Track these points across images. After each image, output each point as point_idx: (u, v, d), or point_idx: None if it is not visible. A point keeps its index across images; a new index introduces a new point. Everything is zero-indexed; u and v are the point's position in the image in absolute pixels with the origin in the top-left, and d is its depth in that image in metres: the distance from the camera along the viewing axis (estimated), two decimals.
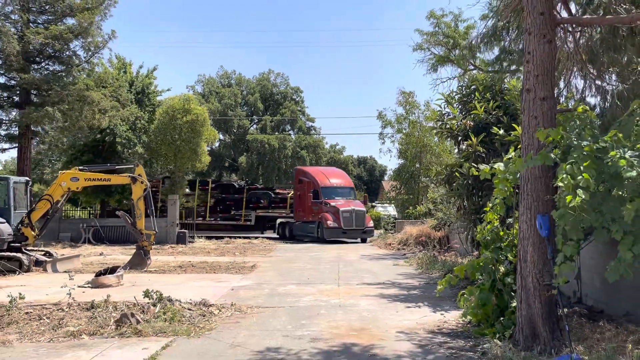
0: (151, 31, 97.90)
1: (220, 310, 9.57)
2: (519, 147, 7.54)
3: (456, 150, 12.24)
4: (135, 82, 27.85)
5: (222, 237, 29.60)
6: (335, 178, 29.64)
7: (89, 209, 32.81)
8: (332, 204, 27.18)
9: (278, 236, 32.05)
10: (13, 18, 22.01)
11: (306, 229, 28.83)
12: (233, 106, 45.68)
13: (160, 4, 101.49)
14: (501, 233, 8.29)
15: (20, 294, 9.33)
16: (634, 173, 5.66)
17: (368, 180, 68.87)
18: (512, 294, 7.69)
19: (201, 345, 7.43)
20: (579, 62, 8.04)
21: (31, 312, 9.22)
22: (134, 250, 22.77)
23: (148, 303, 9.58)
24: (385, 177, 63.71)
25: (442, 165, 12.79)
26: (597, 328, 7.49)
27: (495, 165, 7.66)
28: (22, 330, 8.21)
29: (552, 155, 6.30)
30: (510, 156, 7.68)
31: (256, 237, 29.92)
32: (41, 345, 7.49)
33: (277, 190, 34.15)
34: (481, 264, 7.98)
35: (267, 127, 46.29)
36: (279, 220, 32.26)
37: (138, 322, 8.49)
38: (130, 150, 26.24)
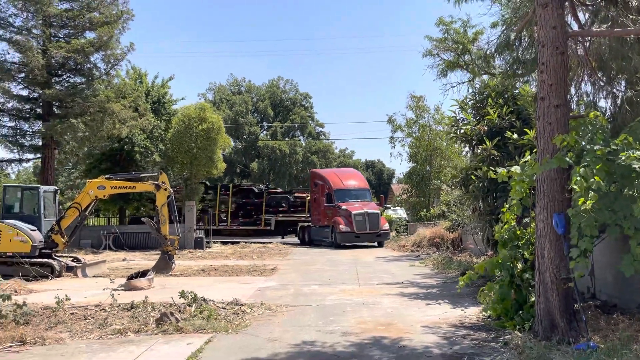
0: (161, 40, 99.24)
1: (251, 309, 10.13)
2: (534, 150, 8.06)
3: (470, 154, 12.75)
4: (151, 92, 28.59)
5: (237, 242, 30.17)
6: (350, 180, 28.65)
7: (108, 215, 33.50)
8: (344, 207, 26.21)
9: (299, 241, 31.46)
10: (35, 32, 22.78)
11: (322, 233, 28.12)
12: (244, 113, 46.43)
13: (170, 14, 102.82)
14: (518, 232, 8.80)
15: (66, 295, 9.92)
16: None
17: (376, 183, 69.40)
18: (530, 289, 8.21)
19: (240, 340, 7.99)
20: (589, 69, 8.55)
21: (76, 313, 9.83)
22: (155, 255, 23.67)
23: (184, 303, 10.17)
24: (394, 181, 64.19)
25: (457, 169, 13.30)
26: (611, 320, 7.99)
27: (512, 169, 8.19)
28: (72, 329, 8.80)
29: (567, 159, 6.81)
30: (526, 160, 8.20)
31: (270, 242, 30.03)
32: (92, 342, 8.08)
33: (296, 194, 33.69)
34: (500, 261, 8.49)
35: (278, 133, 46.97)
36: (300, 225, 31.45)
37: (177, 320, 9.06)
38: (148, 159, 26.93)
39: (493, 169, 9.63)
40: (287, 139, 46.54)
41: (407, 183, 32.43)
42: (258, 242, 30.05)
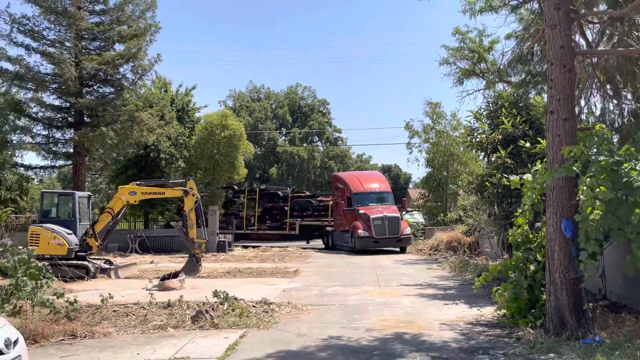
0: (182, 49, 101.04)
1: (279, 308, 10.83)
2: (545, 160, 8.64)
3: (485, 161, 13.32)
4: (175, 100, 29.57)
5: (258, 246, 30.89)
6: (370, 182, 27.50)
7: (131, 220, 34.49)
8: (362, 211, 25.09)
9: (324, 245, 30.63)
10: (68, 45, 23.88)
11: (343, 238, 27.11)
12: (263, 119, 47.38)
13: (190, 23, 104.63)
14: (530, 236, 9.37)
15: (110, 294, 10.70)
16: None
17: (393, 188, 69.72)
18: (542, 288, 8.77)
19: (272, 335, 8.69)
20: (597, 83, 9.12)
21: (118, 310, 10.64)
22: (180, 258, 24.57)
23: (216, 302, 10.91)
24: (410, 185, 64.49)
25: (473, 175, 13.87)
26: (619, 319, 8.54)
27: (524, 176, 8.80)
28: (116, 324, 9.60)
29: (574, 168, 7.40)
30: (537, 168, 8.80)
31: (291, 247, 30.20)
32: (137, 336, 8.85)
33: (320, 198, 32.97)
34: (513, 263, 9.07)
35: (296, 139, 47.81)
36: (326, 229, 30.45)
37: (212, 317, 9.79)
38: (172, 165, 27.89)
39: (506, 176, 10.22)
40: (305, 144, 47.35)
41: (424, 188, 32.92)
42: (280, 247, 30.51)
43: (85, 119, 24.58)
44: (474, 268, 15.52)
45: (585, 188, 6.97)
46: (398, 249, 25.11)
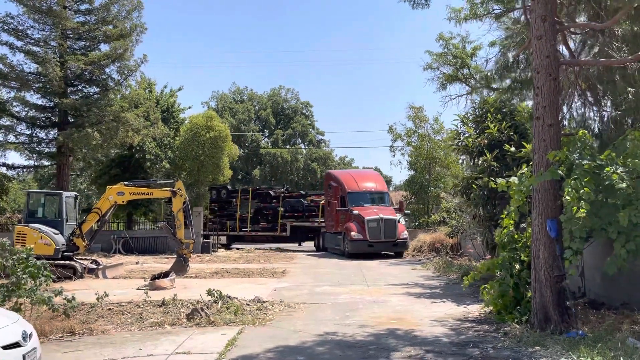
0: (164, 51, 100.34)
1: (272, 306, 11.09)
2: (530, 163, 9.07)
3: (470, 164, 13.77)
4: (160, 101, 29.58)
5: (241, 248, 30.78)
6: (366, 181, 25.70)
7: (118, 220, 34.29)
8: (356, 211, 23.29)
9: (315, 248, 29.47)
10: (53, 45, 23.77)
11: (335, 240, 25.37)
12: (246, 121, 47.48)
13: (173, 24, 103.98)
14: (515, 236, 9.79)
15: (105, 292, 10.82)
16: (624, 185, 7.21)
17: None
18: (527, 286, 9.19)
19: (268, 331, 8.94)
20: (579, 91, 9.60)
21: (113, 309, 10.78)
22: (165, 259, 24.59)
23: (210, 300, 11.12)
24: (391, 188, 65.09)
25: (458, 178, 14.31)
26: (599, 315, 9.01)
27: (511, 179, 9.21)
28: (113, 322, 9.75)
29: (559, 172, 7.83)
30: (523, 172, 9.21)
31: (270, 248, 29.81)
32: (135, 332, 9.02)
33: (312, 197, 31.24)
34: (500, 262, 9.48)
35: (279, 141, 48.00)
36: (322, 230, 28.67)
37: (207, 315, 10.00)
38: (157, 165, 27.89)
39: (493, 179, 10.64)
40: (288, 146, 47.60)
41: (406, 190, 33.44)
42: (263, 248, 30.35)
43: (70, 119, 24.48)
44: (458, 268, 15.95)
45: (570, 190, 7.39)
46: (393, 254, 23.67)
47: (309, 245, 30.68)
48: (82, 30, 24.16)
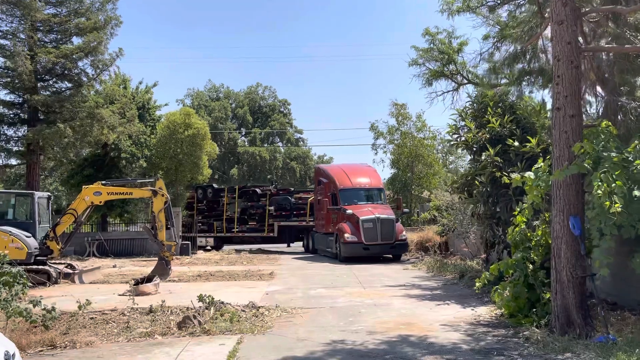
0: (137, 46, 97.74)
1: (269, 311, 10.37)
2: (547, 158, 8.58)
3: (471, 160, 13.28)
4: (135, 98, 28.46)
5: (209, 248, 29.52)
6: (360, 177, 23.25)
7: (91, 222, 32.95)
8: (350, 211, 21.12)
9: (304, 249, 27.75)
10: (22, 37, 22.51)
11: (326, 242, 23.10)
12: (223, 119, 46.43)
13: (147, 19, 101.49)
14: (528, 234, 9.31)
15: (87, 300, 9.95)
16: None
17: None
18: (543, 287, 8.71)
19: (270, 340, 8.24)
20: (592, 82, 9.15)
21: (95, 317, 9.91)
22: (143, 262, 23.56)
23: (201, 306, 10.35)
24: None
25: (457, 175, 13.85)
26: (618, 316, 8.57)
27: (526, 174, 8.71)
28: (97, 332, 8.90)
29: (585, 165, 7.34)
30: (538, 166, 8.72)
31: (249, 250, 28.29)
32: (123, 344, 8.21)
33: (300, 194, 29.27)
34: (514, 262, 8.98)
35: (257, 139, 47.12)
36: (314, 230, 26.15)
37: (200, 323, 9.23)
38: (133, 165, 26.79)
39: (506, 174, 10.17)
40: (266, 145, 46.75)
41: (389, 189, 33.01)
42: (245, 251, 29.41)
43: (40, 116, 23.23)
44: (454, 268, 15.49)
45: (600, 183, 6.90)
46: (391, 256, 21.30)
47: (299, 246, 28.86)
48: (53, 22, 22.90)
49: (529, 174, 8.64)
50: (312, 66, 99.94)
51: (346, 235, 20.57)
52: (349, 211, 21.16)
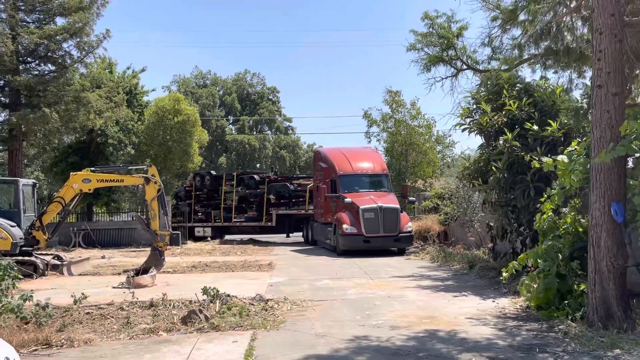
0: (121, 30, 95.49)
1: (278, 305, 9.72)
2: (584, 140, 8.03)
3: (485, 146, 12.69)
4: (122, 83, 27.41)
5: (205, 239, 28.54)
6: (362, 162, 21.29)
7: (76, 211, 31.85)
8: (349, 199, 19.19)
9: (303, 240, 25.79)
10: (3, 17, 21.36)
11: (324, 232, 21.23)
12: (210, 107, 45.37)
13: (130, 3, 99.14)
14: (558, 221, 8.78)
15: (82, 294, 9.21)
16: None
17: None
18: (575, 278, 8.19)
19: (286, 336, 7.60)
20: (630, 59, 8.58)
21: (92, 312, 9.17)
22: (134, 252, 22.73)
23: (206, 299, 9.67)
24: None
25: (469, 160, 13.28)
26: None
27: (559, 158, 8.16)
28: (95, 329, 8.18)
29: (634, 146, 6.79)
30: (572, 149, 8.17)
31: (240, 240, 27.32)
32: (126, 342, 7.50)
33: (300, 181, 27.28)
34: (544, 251, 8.44)
35: (245, 127, 46.17)
36: (316, 219, 23.94)
37: (207, 318, 8.55)
38: (120, 152, 25.82)
39: (535, 157, 9.61)
40: (255, 133, 45.83)
41: None
42: (232, 240, 28.50)
43: (22, 100, 22.14)
44: (461, 258, 14.98)
45: None
46: (396, 250, 19.11)
47: (299, 236, 26.61)
48: (36, 1, 21.76)
49: (562, 158, 8.09)
50: (302, 53, 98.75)
51: (344, 226, 18.60)
52: (348, 199, 19.25)
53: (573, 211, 8.74)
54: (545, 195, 8.85)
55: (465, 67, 23.15)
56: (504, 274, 8.99)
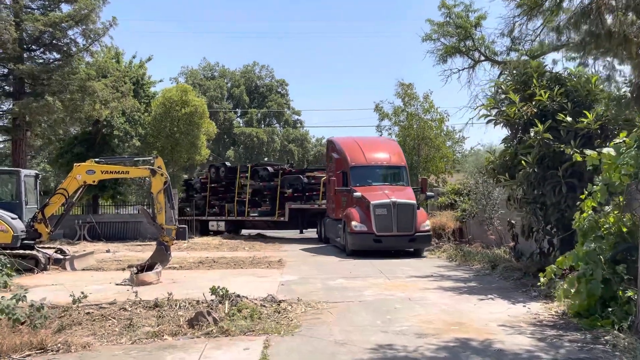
0: (129, 18, 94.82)
1: (291, 306, 9.06)
2: (634, 130, 7.28)
3: (512, 138, 11.92)
4: (129, 72, 26.79)
5: (212, 233, 27.84)
6: (377, 152, 19.46)
7: (81, 204, 31.34)
8: (359, 193, 17.33)
9: (317, 236, 23.91)
10: (7, 3, 20.74)
11: (335, 229, 19.47)
12: (218, 99, 44.72)
13: None
14: (600, 220, 8.04)
15: (82, 293, 8.59)
16: None
17: None
18: (621, 284, 7.46)
19: (302, 343, 6.93)
20: None
21: (92, 312, 8.53)
22: (140, 246, 22.17)
23: (214, 300, 9.02)
24: None
25: (495, 154, 12.52)
26: None
27: (604, 151, 7.42)
28: (95, 332, 7.53)
29: None
30: (619, 141, 7.42)
31: (248, 235, 26.34)
32: (127, 347, 6.86)
33: (315, 173, 25.56)
34: (585, 253, 7.70)
35: (253, 120, 45.49)
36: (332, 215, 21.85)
37: (216, 320, 7.90)
38: (126, 143, 25.22)
39: (577, 150, 8.87)
40: (263, 126, 45.15)
41: None
42: (243, 236, 27.86)
43: (27, 89, 21.55)
44: (482, 257, 14.25)
45: None
46: (412, 250, 17.30)
47: (313, 233, 24.83)
48: None
49: (608, 150, 7.34)
50: (312, 44, 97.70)
51: (353, 223, 16.71)
52: (358, 194, 17.31)
53: (617, 209, 7.99)
54: (586, 192, 8.09)
55: (483, 58, 22.41)
56: (542, 279, 8.25)
